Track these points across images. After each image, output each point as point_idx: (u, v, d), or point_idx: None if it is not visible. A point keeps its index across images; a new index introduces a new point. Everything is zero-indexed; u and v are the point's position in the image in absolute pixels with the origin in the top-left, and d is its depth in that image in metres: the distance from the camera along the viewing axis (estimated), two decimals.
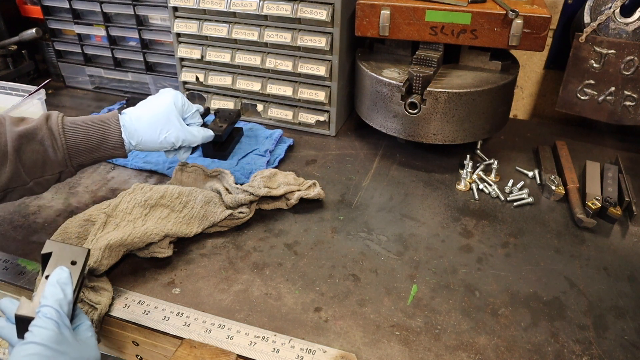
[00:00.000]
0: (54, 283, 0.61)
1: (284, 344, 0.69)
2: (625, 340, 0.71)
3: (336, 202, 0.98)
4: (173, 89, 0.93)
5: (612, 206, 0.93)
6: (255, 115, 1.26)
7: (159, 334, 0.71)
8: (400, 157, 1.13)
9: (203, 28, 1.16)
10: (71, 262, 0.66)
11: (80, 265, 0.66)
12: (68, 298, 0.61)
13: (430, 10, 0.99)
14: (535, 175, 1.06)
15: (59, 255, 0.66)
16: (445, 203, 0.98)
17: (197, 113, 0.95)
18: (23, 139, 0.76)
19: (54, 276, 0.62)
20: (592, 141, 1.21)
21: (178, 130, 0.89)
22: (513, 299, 0.77)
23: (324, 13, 1.04)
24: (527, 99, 1.39)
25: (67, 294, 0.62)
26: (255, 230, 0.90)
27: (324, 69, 1.11)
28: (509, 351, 0.69)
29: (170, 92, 0.92)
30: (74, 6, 1.32)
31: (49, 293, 0.60)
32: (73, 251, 0.67)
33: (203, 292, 0.77)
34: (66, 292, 0.62)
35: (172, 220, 0.85)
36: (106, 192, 1.00)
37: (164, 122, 0.88)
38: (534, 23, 0.96)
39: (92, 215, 0.85)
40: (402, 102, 1.02)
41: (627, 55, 1.06)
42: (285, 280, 0.80)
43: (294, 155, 1.13)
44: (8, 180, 0.76)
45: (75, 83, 1.46)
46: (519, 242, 0.89)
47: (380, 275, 0.81)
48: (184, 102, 0.92)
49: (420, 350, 0.69)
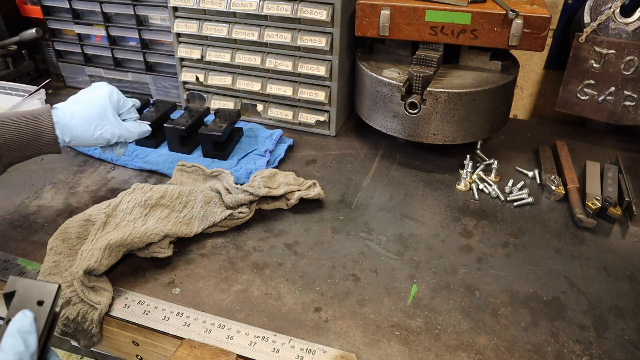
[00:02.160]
0: (14, 332, 0.49)
1: (284, 344, 0.69)
2: (625, 340, 0.71)
3: (336, 202, 0.98)
4: (107, 83, 0.91)
5: (612, 206, 0.93)
6: (255, 115, 1.26)
7: (159, 334, 0.71)
8: (400, 157, 1.13)
9: (203, 28, 1.16)
10: (37, 303, 0.54)
11: (49, 306, 0.54)
12: (31, 349, 0.49)
13: (430, 10, 0.99)
14: (535, 175, 1.06)
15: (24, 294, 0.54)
16: (445, 203, 0.98)
17: (133, 108, 0.94)
18: None
19: (14, 323, 0.50)
20: (592, 141, 1.21)
21: (113, 127, 0.88)
22: (513, 299, 0.77)
23: (324, 13, 1.04)
24: (527, 99, 1.39)
25: (30, 345, 0.49)
26: (255, 230, 0.90)
27: (324, 69, 1.11)
28: (509, 351, 0.69)
29: (105, 86, 0.90)
30: (74, 6, 1.32)
31: (8, 345, 0.49)
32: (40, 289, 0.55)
33: (203, 292, 0.77)
34: (28, 342, 0.49)
35: (172, 220, 0.85)
36: (106, 192, 1.00)
37: (99, 118, 0.86)
38: (534, 23, 0.96)
39: (92, 215, 0.85)
40: (402, 102, 1.02)
41: (627, 55, 1.06)
42: (285, 280, 0.80)
43: (294, 155, 1.13)
44: None
45: (75, 83, 1.46)
46: (519, 242, 0.89)
47: (380, 275, 0.81)
48: (119, 98, 0.90)
49: (420, 350, 0.69)
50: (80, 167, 1.08)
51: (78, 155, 1.12)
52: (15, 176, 1.04)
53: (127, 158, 1.08)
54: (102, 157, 1.09)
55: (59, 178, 1.04)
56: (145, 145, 1.12)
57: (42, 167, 1.07)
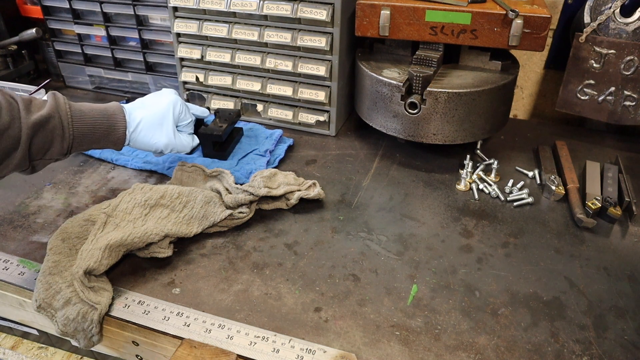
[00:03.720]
0: None
1: (284, 344, 0.69)
2: (625, 340, 0.71)
3: (336, 202, 0.98)
4: (174, 92, 0.92)
5: (612, 206, 0.93)
6: (255, 115, 1.26)
7: (159, 334, 0.71)
8: (400, 157, 1.13)
9: (203, 28, 1.16)
10: None
11: None
12: None
13: (430, 10, 0.99)
14: (535, 175, 1.06)
15: None
16: (445, 203, 0.98)
17: (192, 124, 0.95)
18: (37, 127, 0.75)
19: None
20: (592, 141, 1.21)
21: (169, 139, 0.90)
22: (513, 299, 0.77)
23: (324, 13, 1.04)
24: (527, 99, 1.39)
25: None
26: (255, 230, 0.90)
27: (324, 69, 1.11)
28: (509, 351, 0.69)
29: (171, 95, 0.91)
30: (74, 6, 1.32)
31: None
32: None
33: (203, 292, 0.77)
34: None
35: (172, 220, 0.85)
36: (106, 192, 1.00)
37: (159, 127, 0.88)
38: (534, 23, 0.96)
39: (92, 215, 0.85)
40: (402, 102, 1.02)
41: (627, 55, 1.06)
42: (285, 280, 0.80)
43: (294, 155, 1.13)
44: (15, 166, 0.75)
45: (75, 83, 1.46)
46: (519, 242, 0.89)
47: (380, 275, 0.81)
48: (181, 110, 0.92)
49: (420, 350, 0.69)
50: (80, 167, 1.08)
51: (78, 155, 1.12)
52: (15, 176, 1.04)
53: (127, 158, 1.08)
54: (102, 157, 1.09)
55: (59, 178, 1.04)
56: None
57: None
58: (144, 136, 0.87)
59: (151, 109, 0.88)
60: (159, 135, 0.88)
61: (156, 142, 0.88)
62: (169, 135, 0.89)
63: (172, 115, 0.89)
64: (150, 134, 0.87)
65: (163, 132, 0.88)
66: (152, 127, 0.87)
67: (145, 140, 0.87)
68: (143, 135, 0.87)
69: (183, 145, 0.93)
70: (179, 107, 0.90)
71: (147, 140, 0.88)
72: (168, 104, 0.89)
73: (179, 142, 0.92)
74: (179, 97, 0.92)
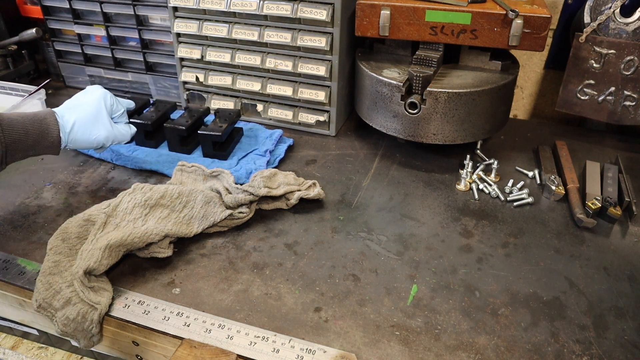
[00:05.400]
0: None
1: (284, 344, 0.69)
2: (625, 340, 0.71)
3: (336, 202, 0.98)
4: (101, 87, 0.93)
5: (612, 206, 0.93)
6: (255, 115, 1.26)
7: (159, 334, 0.71)
8: (400, 157, 1.13)
9: (203, 28, 1.16)
10: None
11: None
12: None
13: (430, 10, 0.99)
14: (535, 175, 1.06)
15: None
16: (445, 203, 0.98)
17: (125, 113, 0.97)
18: None
19: None
20: (592, 141, 1.21)
21: (108, 131, 0.91)
22: (513, 299, 0.77)
23: (324, 13, 1.04)
24: (527, 99, 1.39)
25: None
26: (255, 230, 0.90)
27: (324, 69, 1.11)
28: (509, 351, 0.69)
29: (99, 90, 0.92)
30: (74, 6, 1.32)
31: None
32: None
33: (203, 292, 0.77)
34: None
35: (172, 220, 0.85)
36: (106, 192, 1.00)
37: (95, 122, 0.89)
38: (534, 23, 0.96)
39: (92, 215, 0.85)
40: (402, 102, 1.02)
41: (627, 55, 1.06)
42: (285, 280, 0.80)
43: (294, 155, 1.13)
44: None
45: (75, 83, 1.46)
46: (519, 242, 0.89)
47: (380, 275, 0.81)
48: (112, 101, 0.93)
49: (420, 350, 0.69)
50: (80, 167, 1.08)
51: (78, 155, 1.12)
52: (15, 176, 1.04)
53: (127, 158, 1.08)
54: (102, 157, 1.09)
55: (59, 178, 1.04)
56: (145, 145, 1.12)
57: (42, 167, 1.07)
58: (82, 134, 0.88)
59: (83, 107, 0.89)
60: (97, 130, 0.89)
61: (96, 137, 0.90)
62: (107, 128, 0.91)
63: (104, 109, 0.91)
64: (88, 131, 0.89)
65: (100, 126, 0.90)
66: (88, 123, 0.88)
67: (85, 138, 0.89)
68: (81, 134, 0.88)
69: (122, 135, 0.95)
70: (109, 99, 0.92)
71: (86, 137, 0.89)
72: (98, 98, 0.91)
73: (117, 132, 0.93)
74: (106, 90, 0.94)
